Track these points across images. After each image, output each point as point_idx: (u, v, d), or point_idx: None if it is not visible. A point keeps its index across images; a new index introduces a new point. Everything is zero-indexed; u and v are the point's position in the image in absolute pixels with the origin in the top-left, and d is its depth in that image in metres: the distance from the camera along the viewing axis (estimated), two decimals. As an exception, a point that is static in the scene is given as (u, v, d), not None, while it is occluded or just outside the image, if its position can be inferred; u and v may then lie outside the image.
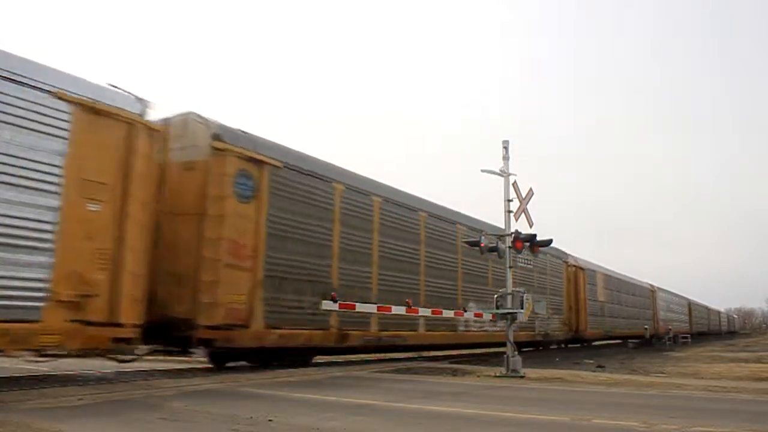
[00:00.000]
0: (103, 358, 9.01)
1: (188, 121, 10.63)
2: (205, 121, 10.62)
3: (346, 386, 9.25)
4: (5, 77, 7.37)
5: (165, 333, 9.74)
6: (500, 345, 16.58)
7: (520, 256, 16.72)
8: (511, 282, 12.49)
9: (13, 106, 7.40)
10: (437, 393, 8.67)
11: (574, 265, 26.60)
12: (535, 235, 12.63)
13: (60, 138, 7.83)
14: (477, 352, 20.11)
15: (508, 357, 11.76)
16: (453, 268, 17.08)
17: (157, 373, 10.54)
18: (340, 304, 12.43)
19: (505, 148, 12.75)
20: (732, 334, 79.35)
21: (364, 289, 13.40)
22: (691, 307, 53.74)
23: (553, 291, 23.77)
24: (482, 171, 12.63)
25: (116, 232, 8.34)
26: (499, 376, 11.31)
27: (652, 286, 40.62)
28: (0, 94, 7.27)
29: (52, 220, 7.60)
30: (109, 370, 10.52)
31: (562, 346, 25.90)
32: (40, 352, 7.93)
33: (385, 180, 15.35)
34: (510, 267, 12.56)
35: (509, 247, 12.48)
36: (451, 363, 14.81)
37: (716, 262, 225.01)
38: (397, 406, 7.10)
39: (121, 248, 8.36)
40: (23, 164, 7.41)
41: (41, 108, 7.66)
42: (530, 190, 12.88)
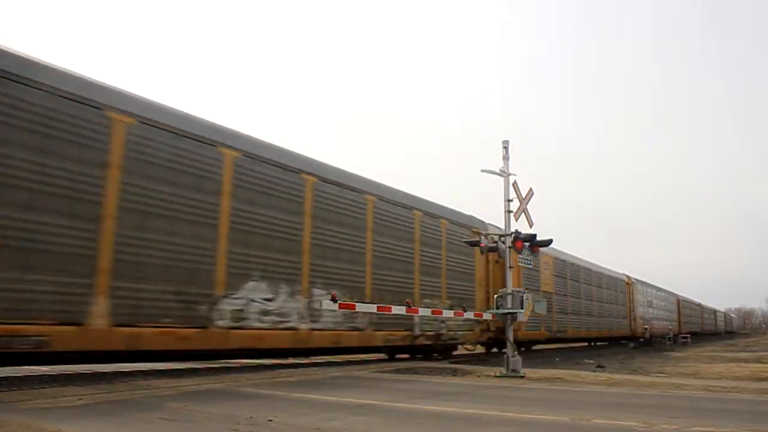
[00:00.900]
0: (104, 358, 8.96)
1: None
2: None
3: (346, 386, 9.26)
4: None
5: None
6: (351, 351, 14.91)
7: (391, 221, 14.87)
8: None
9: None
10: (437, 393, 8.67)
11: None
12: (535, 235, 12.66)
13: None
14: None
15: (508, 357, 11.78)
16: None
17: (157, 373, 10.53)
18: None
19: (505, 148, 12.76)
20: (730, 334, 78.97)
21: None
22: (681, 304, 48.92)
23: (454, 274, 17.18)
24: (482, 171, 12.64)
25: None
26: (499, 376, 11.33)
27: (628, 277, 35.12)
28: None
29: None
30: (109, 370, 10.52)
31: (481, 350, 20.07)
32: None
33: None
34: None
35: (509, 247, 12.50)
36: (451, 363, 14.83)
37: (716, 262, 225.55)
38: (397, 406, 7.10)
39: None
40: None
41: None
42: (530, 190, 12.90)
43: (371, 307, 12.21)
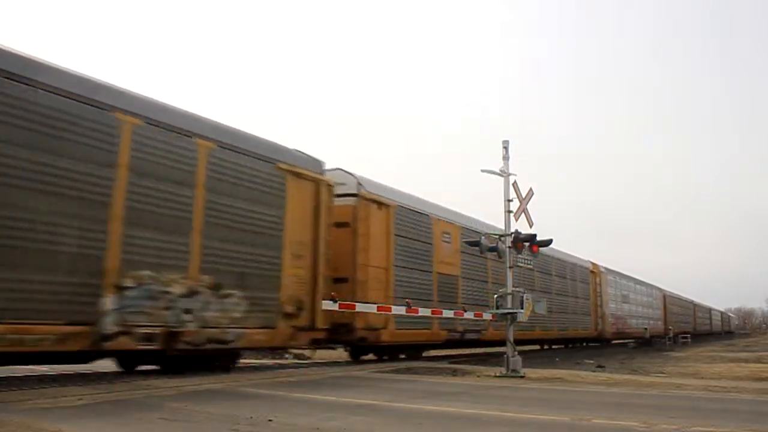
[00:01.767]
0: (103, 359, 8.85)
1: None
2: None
3: (346, 386, 9.26)
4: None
5: None
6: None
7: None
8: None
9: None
10: (437, 393, 8.67)
11: (366, 196, 13.60)
12: (535, 235, 12.66)
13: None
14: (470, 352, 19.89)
15: (508, 357, 11.78)
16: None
17: (157, 373, 10.51)
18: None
19: (505, 148, 12.77)
20: (729, 334, 78.69)
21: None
22: (667, 300, 43.59)
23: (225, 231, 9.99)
24: (482, 171, 12.65)
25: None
26: (499, 376, 11.33)
27: (594, 265, 29.13)
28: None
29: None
30: (109, 370, 10.51)
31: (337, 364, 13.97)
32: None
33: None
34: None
35: (509, 247, 12.50)
36: (451, 363, 14.82)
37: (716, 262, 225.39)
38: (397, 406, 7.10)
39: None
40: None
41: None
42: (530, 190, 12.91)
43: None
